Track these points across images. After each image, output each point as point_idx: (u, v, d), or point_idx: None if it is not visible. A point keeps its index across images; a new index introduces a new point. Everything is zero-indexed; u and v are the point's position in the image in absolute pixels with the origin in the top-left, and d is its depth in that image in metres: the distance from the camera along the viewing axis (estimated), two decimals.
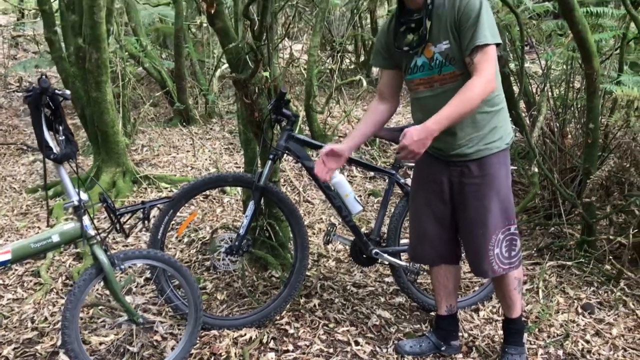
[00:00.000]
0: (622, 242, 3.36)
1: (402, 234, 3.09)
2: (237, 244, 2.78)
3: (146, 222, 2.40)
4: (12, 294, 3.16)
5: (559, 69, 4.70)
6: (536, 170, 3.61)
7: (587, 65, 3.30)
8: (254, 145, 3.30)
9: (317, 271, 3.46)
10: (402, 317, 3.02)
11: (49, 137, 2.15)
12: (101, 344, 2.69)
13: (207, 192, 4.61)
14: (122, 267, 2.31)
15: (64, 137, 2.18)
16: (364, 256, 3.03)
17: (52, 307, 3.02)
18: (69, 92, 2.12)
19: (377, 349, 2.71)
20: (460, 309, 2.95)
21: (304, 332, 2.83)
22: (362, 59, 9.65)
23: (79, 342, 2.24)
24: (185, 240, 3.85)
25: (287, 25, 7.00)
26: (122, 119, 5.57)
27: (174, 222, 3.48)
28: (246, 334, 2.77)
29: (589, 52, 3.24)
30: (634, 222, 3.25)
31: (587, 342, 2.78)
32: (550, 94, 4.25)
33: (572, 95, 4.30)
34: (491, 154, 2.29)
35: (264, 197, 2.91)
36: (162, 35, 9.32)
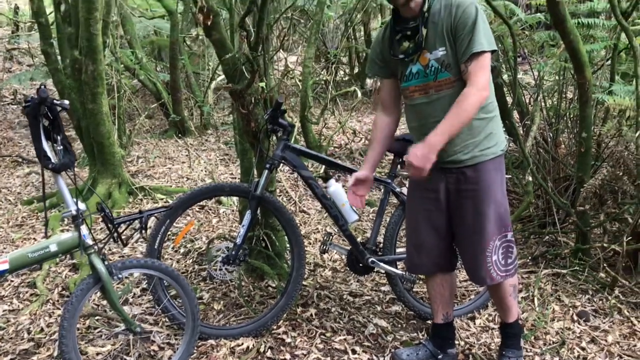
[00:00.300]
0: (616, 250, 3.38)
1: (398, 243, 3.11)
2: (234, 253, 2.79)
3: (143, 231, 2.41)
4: (8, 305, 3.15)
5: (551, 79, 4.74)
6: (530, 179, 3.62)
7: (579, 75, 3.33)
8: (250, 155, 3.32)
9: (314, 281, 3.46)
10: (399, 325, 3.03)
11: (47, 147, 2.16)
12: (98, 354, 2.69)
13: (203, 203, 4.62)
14: (120, 276, 2.32)
15: (62, 147, 2.19)
16: (361, 265, 3.04)
17: (49, 318, 3.01)
18: (67, 102, 2.14)
19: (374, 358, 2.71)
20: (456, 317, 2.96)
21: (301, 341, 2.83)
22: (356, 70, 9.71)
23: (76, 352, 2.24)
24: (181, 250, 3.85)
25: (282, 37, 7.04)
26: (117, 130, 5.57)
27: (170, 232, 3.49)
28: (243, 344, 2.77)
29: (581, 62, 3.27)
30: (628, 230, 3.26)
31: (583, 349, 2.79)
32: (543, 104, 4.28)
33: (564, 105, 4.34)
34: (487, 160, 2.32)
35: (260, 207, 2.92)
36: (157, 47, 9.36)
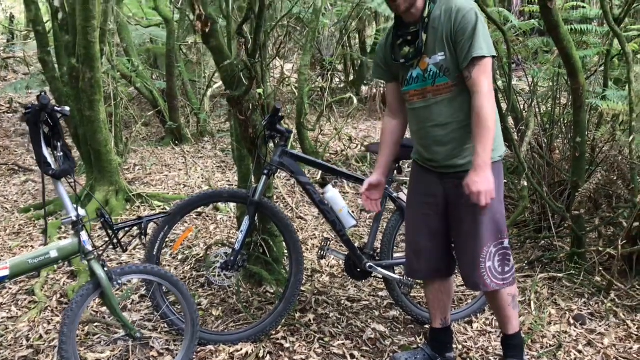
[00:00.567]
0: (611, 254, 3.41)
1: (395, 248, 3.12)
2: (232, 259, 2.80)
3: (143, 237, 2.42)
4: (7, 313, 3.15)
5: (545, 85, 4.79)
6: (525, 184, 3.65)
7: (573, 80, 3.37)
8: (247, 161, 3.34)
9: (312, 286, 3.47)
10: (397, 330, 3.04)
11: (47, 153, 2.18)
12: None
13: (200, 210, 4.63)
14: (120, 281, 2.33)
15: (62, 154, 2.21)
16: (358, 270, 3.05)
17: (47, 325, 3.01)
18: (68, 109, 2.15)
19: None
20: (454, 321, 2.98)
21: (300, 346, 2.84)
22: (351, 78, 9.76)
23: (76, 358, 2.24)
24: (179, 257, 3.86)
25: (278, 45, 7.09)
26: (114, 138, 5.59)
27: (168, 239, 3.49)
28: (242, 349, 2.78)
29: (574, 67, 3.31)
30: (622, 233, 3.29)
31: (580, 352, 2.82)
32: (537, 110, 4.32)
33: (559, 111, 4.38)
34: None
35: (258, 213, 2.94)
36: (153, 55, 9.39)
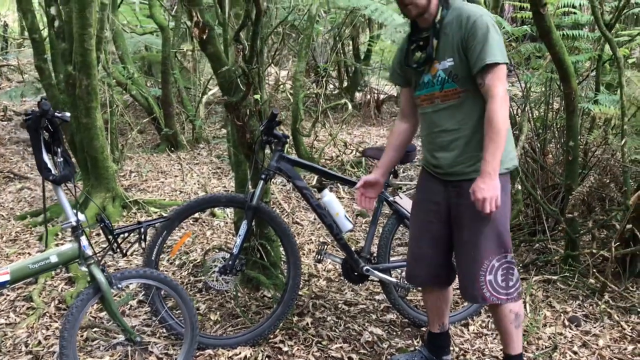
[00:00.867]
0: (605, 256, 3.45)
1: (391, 252, 3.15)
2: (230, 263, 2.82)
3: (142, 241, 2.43)
4: (5, 319, 3.15)
5: (538, 90, 4.84)
6: (519, 187, 3.69)
7: (565, 85, 3.42)
8: (244, 167, 3.36)
9: (309, 290, 3.49)
10: (394, 333, 3.07)
11: (47, 159, 2.20)
12: None
13: (197, 215, 4.65)
14: (120, 286, 2.34)
15: (62, 159, 2.23)
16: (355, 274, 3.08)
17: (46, 331, 3.01)
18: (68, 114, 2.17)
19: None
20: (450, 324, 3.00)
21: (298, 349, 2.86)
22: (345, 84, 9.81)
23: None
24: (176, 262, 3.87)
25: (273, 51, 7.13)
26: (110, 145, 5.60)
27: (165, 244, 3.50)
28: (241, 353, 2.80)
29: (566, 72, 3.35)
30: (616, 236, 3.33)
31: (575, 353, 2.85)
32: (530, 114, 4.36)
33: (551, 115, 4.42)
34: None
35: (256, 217, 2.96)
36: (148, 63, 9.42)
